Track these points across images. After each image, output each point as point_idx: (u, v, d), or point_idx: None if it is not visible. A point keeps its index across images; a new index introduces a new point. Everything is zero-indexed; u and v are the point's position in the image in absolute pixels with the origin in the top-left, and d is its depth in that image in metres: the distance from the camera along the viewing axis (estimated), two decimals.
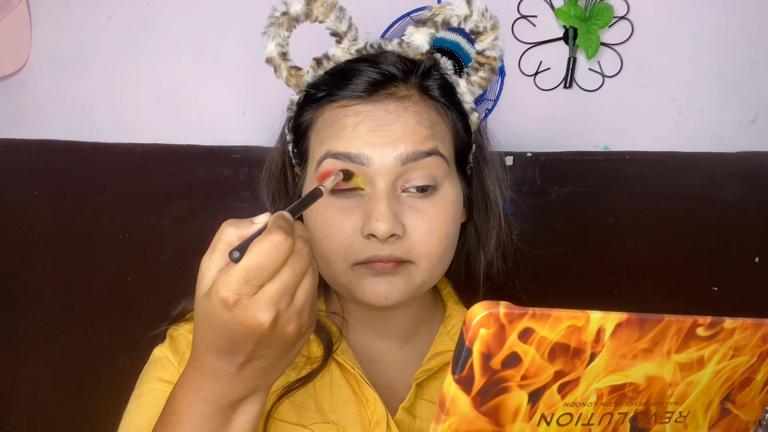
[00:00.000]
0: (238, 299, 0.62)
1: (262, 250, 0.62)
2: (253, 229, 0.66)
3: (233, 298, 0.62)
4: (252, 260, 0.62)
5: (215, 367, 0.68)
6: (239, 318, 0.63)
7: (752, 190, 1.49)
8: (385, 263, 0.88)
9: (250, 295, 0.63)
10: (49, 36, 1.66)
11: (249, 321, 0.63)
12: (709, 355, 0.58)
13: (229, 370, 0.68)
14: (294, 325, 0.66)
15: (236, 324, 0.63)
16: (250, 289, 0.63)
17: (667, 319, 0.54)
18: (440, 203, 0.91)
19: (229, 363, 0.67)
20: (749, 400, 0.63)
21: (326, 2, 0.94)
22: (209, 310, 0.64)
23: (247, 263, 0.62)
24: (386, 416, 0.92)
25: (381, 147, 0.88)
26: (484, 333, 0.49)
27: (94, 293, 1.63)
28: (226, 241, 0.65)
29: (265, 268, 0.62)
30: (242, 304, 0.63)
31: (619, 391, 0.56)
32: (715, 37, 1.49)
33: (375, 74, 0.92)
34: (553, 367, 0.52)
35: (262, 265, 0.62)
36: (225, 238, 0.65)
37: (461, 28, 0.95)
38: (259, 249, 0.62)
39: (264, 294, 0.63)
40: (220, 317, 0.64)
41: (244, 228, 0.66)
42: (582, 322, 0.51)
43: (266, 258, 0.62)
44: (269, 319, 0.63)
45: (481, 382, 0.51)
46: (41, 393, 1.64)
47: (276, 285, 0.63)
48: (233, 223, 0.66)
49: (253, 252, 0.62)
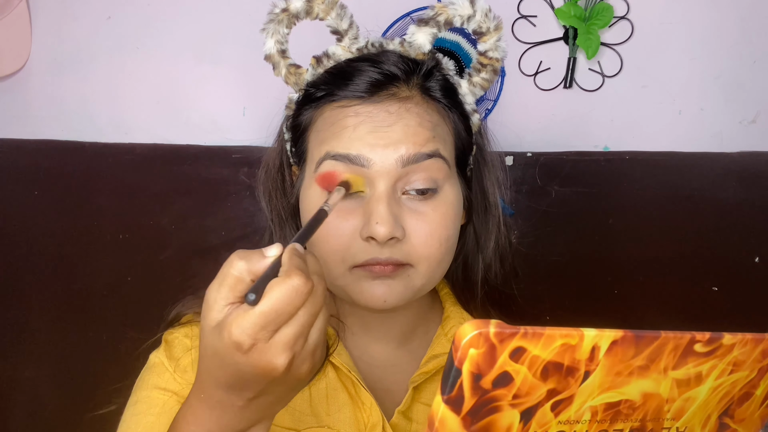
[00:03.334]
0: (254, 344, 0.60)
1: (281, 295, 0.60)
2: (266, 264, 0.63)
3: (249, 343, 0.60)
4: (270, 305, 0.60)
5: (222, 401, 0.66)
6: (254, 362, 0.61)
7: (752, 190, 1.49)
8: (384, 266, 0.87)
9: (266, 340, 0.61)
10: (49, 36, 1.66)
11: (264, 365, 0.61)
12: (708, 370, 0.57)
13: (237, 404, 0.66)
14: (308, 365, 0.65)
15: (250, 366, 0.62)
16: (266, 334, 0.60)
17: (664, 335, 0.53)
18: (440, 206, 0.90)
19: (237, 398, 0.66)
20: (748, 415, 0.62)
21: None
22: (220, 348, 0.62)
23: (265, 308, 0.60)
24: (382, 420, 0.92)
25: (382, 148, 0.87)
26: (473, 353, 0.48)
27: (94, 293, 1.63)
28: (234, 275, 0.62)
29: (284, 313, 0.60)
30: (258, 348, 0.61)
31: (614, 409, 0.56)
32: (715, 37, 1.49)
33: (376, 74, 0.90)
34: (545, 385, 0.52)
35: (281, 311, 0.60)
36: (234, 272, 0.63)
37: (462, 28, 0.94)
38: (278, 293, 0.60)
39: (280, 338, 0.61)
40: (232, 358, 0.61)
41: (255, 262, 0.63)
42: (576, 341, 0.50)
43: (285, 304, 0.60)
44: (285, 362, 0.61)
45: (471, 402, 0.50)
46: (41, 393, 1.63)
47: (293, 328, 0.61)
48: (243, 256, 0.63)
49: (271, 296, 0.60)
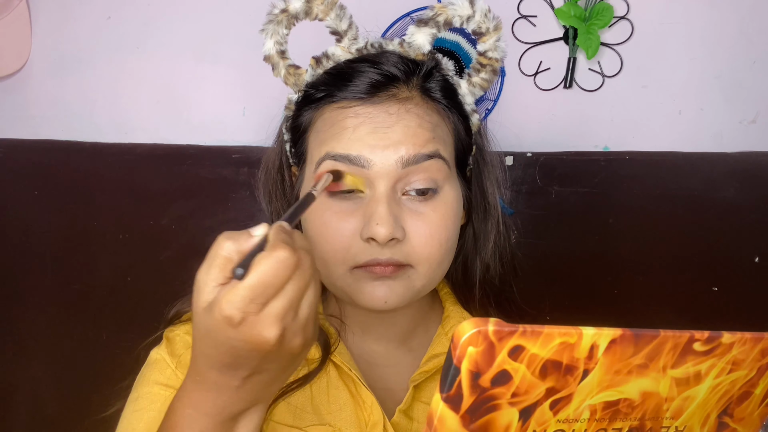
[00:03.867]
0: (244, 317, 0.60)
1: (268, 267, 0.60)
2: (253, 242, 0.63)
3: (239, 317, 0.60)
4: (257, 278, 0.60)
5: (217, 382, 0.67)
6: (245, 336, 0.61)
7: (752, 190, 1.48)
8: (385, 267, 0.87)
9: (256, 312, 0.61)
10: (49, 36, 1.66)
11: (255, 338, 0.61)
12: (707, 369, 0.57)
13: (232, 384, 0.67)
14: (299, 339, 0.65)
15: (242, 341, 0.62)
16: (255, 307, 0.61)
17: (663, 334, 0.53)
18: (440, 207, 0.90)
19: (232, 378, 0.66)
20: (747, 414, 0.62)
21: (326, 0, 0.92)
22: (212, 326, 0.62)
23: (253, 281, 0.60)
24: (383, 418, 0.92)
25: (382, 149, 0.87)
26: (472, 351, 0.48)
27: (94, 293, 1.63)
28: (223, 255, 0.62)
29: (271, 286, 0.60)
30: (248, 322, 0.61)
31: (613, 407, 0.56)
32: (715, 37, 1.49)
33: (376, 75, 0.90)
34: (544, 384, 0.52)
35: (268, 283, 0.60)
36: (222, 252, 0.62)
37: (461, 28, 0.94)
38: (265, 266, 0.60)
39: (270, 311, 0.61)
40: (225, 334, 0.62)
41: (243, 241, 0.63)
42: (574, 339, 0.50)
43: (272, 276, 0.60)
44: (276, 335, 0.61)
45: (470, 400, 0.50)
46: (41, 393, 1.64)
47: (281, 301, 0.61)
48: (230, 237, 0.63)
49: (258, 269, 0.60)
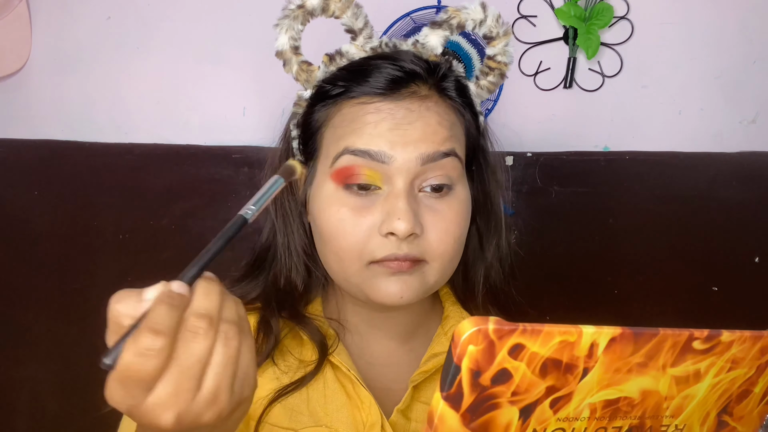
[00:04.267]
0: (131, 406, 0.56)
1: (129, 359, 0.54)
2: (142, 308, 0.57)
3: (124, 407, 0.56)
4: (122, 372, 0.54)
5: None
6: (144, 420, 0.57)
7: (752, 190, 1.48)
8: (402, 262, 0.88)
9: (141, 402, 0.55)
10: (49, 36, 1.65)
11: (154, 423, 0.56)
12: (706, 368, 0.57)
13: None
14: (210, 414, 0.58)
15: (145, 423, 0.57)
16: (138, 396, 0.55)
17: (663, 333, 0.53)
18: (455, 204, 0.91)
19: None
20: (747, 412, 0.63)
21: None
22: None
23: (118, 375, 0.55)
24: (381, 418, 0.92)
25: (402, 146, 0.87)
26: (472, 350, 0.48)
27: (94, 293, 1.62)
28: (114, 321, 0.57)
29: (142, 378, 0.55)
30: (141, 411, 0.56)
31: (613, 406, 0.56)
32: (715, 37, 1.49)
33: (396, 71, 0.91)
34: (544, 382, 0.52)
35: (135, 375, 0.54)
36: (111, 317, 0.57)
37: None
38: (126, 358, 0.54)
39: (154, 400, 0.55)
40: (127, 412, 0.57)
41: (131, 305, 0.57)
42: (574, 338, 0.50)
43: (138, 366, 0.54)
44: (171, 420, 0.56)
45: (470, 399, 0.51)
46: (41, 393, 1.64)
47: (166, 387, 0.56)
48: (120, 299, 0.58)
49: (121, 360, 0.54)
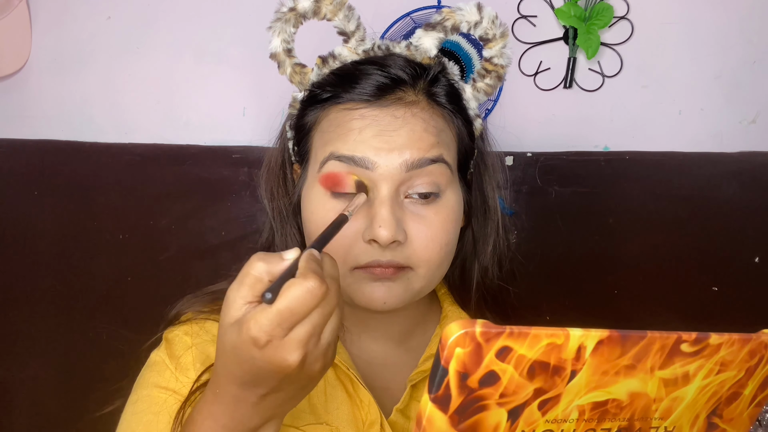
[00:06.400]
0: (270, 340, 0.63)
1: (297, 295, 0.63)
2: (283, 266, 0.67)
3: (264, 339, 0.63)
4: (286, 304, 0.63)
5: (236, 396, 0.69)
6: (268, 357, 0.64)
7: (752, 190, 1.48)
8: (385, 269, 0.88)
9: (281, 337, 0.64)
10: (49, 36, 1.66)
11: (278, 361, 0.64)
12: (695, 370, 0.57)
13: (250, 400, 0.69)
14: (320, 364, 0.68)
15: (264, 362, 0.65)
16: (281, 332, 0.64)
17: (650, 335, 0.53)
18: (442, 210, 0.91)
19: (251, 393, 0.69)
20: (737, 415, 0.63)
21: (335, 0, 0.93)
22: (237, 344, 0.65)
23: (281, 307, 0.63)
24: (380, 417, 0.92)
25: (386, 152, 0.87)
26: (460, 352, 0.49)
27: (94, 293, 1.63)
28: (254, 275, 0.66)
29: (298, 313, 0.63)
30: (273, 345, 0.64)
31: (601, 408, 0.56)
32: (715, 37, 1.48)
33: (383, 78, 0.91)
34: (532, 384, 0.52)
35: (295, 310, 0.63)
36: (254, 272, 0.66)
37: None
38: (294, 294, 0.63)
39: (294, 336, 0.64)
40: (249, 353, 0.65)
41: (274, 264, 0.67)
42: (561, 340, 0.51)
43: (300, 304, 0.63)
44: (297, 360, 0.64)
45: (458, 400, 0.51)
46: (41, 393, 1.64)
47: (306, 327, 0.64)
48: (262, 258, 0.67)
49: (287, 296, 0.63)
